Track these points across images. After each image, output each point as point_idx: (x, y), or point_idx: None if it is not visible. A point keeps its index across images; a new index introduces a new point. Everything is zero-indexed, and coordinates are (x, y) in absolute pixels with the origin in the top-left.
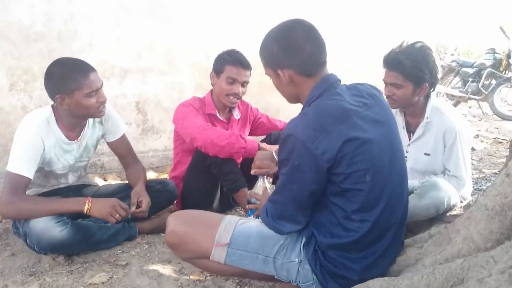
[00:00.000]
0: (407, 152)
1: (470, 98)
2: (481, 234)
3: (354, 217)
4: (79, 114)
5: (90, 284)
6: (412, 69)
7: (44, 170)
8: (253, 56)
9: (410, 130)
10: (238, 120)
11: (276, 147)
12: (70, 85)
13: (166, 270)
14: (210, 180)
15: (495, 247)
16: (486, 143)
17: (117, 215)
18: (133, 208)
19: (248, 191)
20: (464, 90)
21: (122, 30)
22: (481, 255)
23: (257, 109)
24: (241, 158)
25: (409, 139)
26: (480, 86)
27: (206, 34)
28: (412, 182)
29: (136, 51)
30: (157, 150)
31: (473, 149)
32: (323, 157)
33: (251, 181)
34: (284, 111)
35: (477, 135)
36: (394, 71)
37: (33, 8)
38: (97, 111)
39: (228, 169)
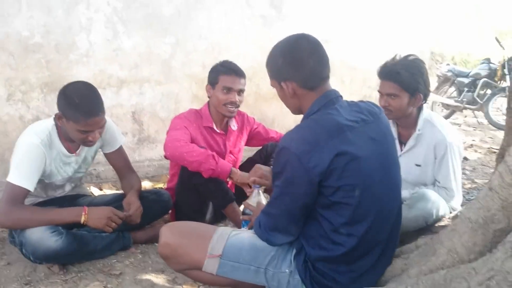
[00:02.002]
0: None
1: (465, 108)
2: (465, 246)
3: (341, 231)
4: (69, 135)
5: None
6: (408, 79)
7: (44, 182)
8: (250, 67)
9: (402, 142)
10: (236, 131)
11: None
12: (68, 114)
13: (159, 279)
14: (199, 196)
15: (477, 259)
16: (480, 153)
17: (113, 224)
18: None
19: (243, 202)
20: (459, 99)
21: (120, 41)
22: (464, 266)
23: (254, 119)
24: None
25: (401, 150)
26: (475, 96)
27: (202, 45)
28: (402, 193)
29: (133, 61)
30: (153, 159)
31: (466, 159)
32: (315, 170)
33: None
34: (279, 121)
35: (471, 145)
36: (391, 81)
37: (32, 20)
38: (83, 144)
39: (214, 187)
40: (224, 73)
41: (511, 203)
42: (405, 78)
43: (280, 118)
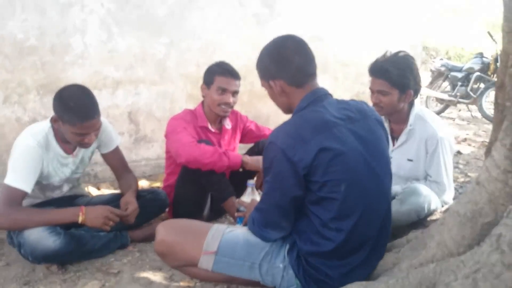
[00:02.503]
0: (391, 158)
1: (459, 102)
2: (454, 240)
3: (330, 226)
4: (66, 138)
5: None
6: (397, 76)
7: (42, 184)
8: (243, 66)
9: (394, 137)
10: (230, 130)
11: (259, 157)
12: (64, 118)
13: (157, 277)
14: (199, 188)
15: (466, 252)
16: (474, 146)
17: (111, 222)
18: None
19: (237, 200)
20: (453, 94)
21: (114, 43)
22: (453, 260)
23: (246, 117)
24: None
25: (393, 146)
26: (468, 90)
27: (196, 45)
28: (395, 187)
29: (128, 62)
30: (150, 159)
31: (459, 152)
32: (300, 164)
33: (241, 189)
34: (274, 119)
35: (465, 139)
36: (381, 78)
37: (26, 23)
38: (79, 146)
39: (216, 179)
40: (220, 74)
41: (498, 196)
42: (394, 76)
43: (274, 116)
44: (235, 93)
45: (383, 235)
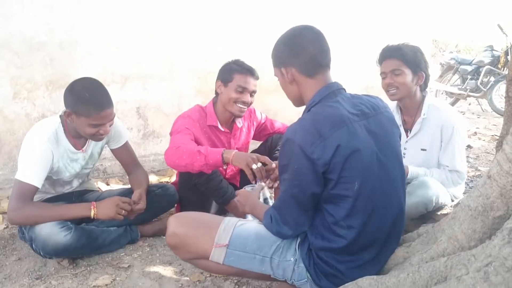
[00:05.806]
0: (405, 149)
1: (469, 96)
2: (465, 234)
3: (342, 223)
4: (79, 132)
5: (94, 286)
6: (410, 55)
7: (52, 179)
8: (252, 60)
9: (407, 129)
10: (241, 127)
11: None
12: (80, 110)
13: (167, 271)
14: (201, 194)
15: (477, 245)
16: (484, 140)
17: (123, 211)
18: (133, 204)
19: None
20: (463, 87)
21: (122, 38)
22: (464, 253)
23: (261, 113)
24: None
25: (406, 137)
26: (479, 84)
27: (204, 40)
28: (417, 169)
29: (136, 58)
30: (158, 154)
31: (470, 146)
32: (318, 162)
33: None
34: (282, 114)
35: (475, 133)
36: (394, 58)
37: (35, 19)
38: (94, 138)
39: (214, 186)
40: (240, 72)
41: (509, 190)
42: (406, 54)
43: (282, 111)
44: (253, 92)
45: (396, 232)
